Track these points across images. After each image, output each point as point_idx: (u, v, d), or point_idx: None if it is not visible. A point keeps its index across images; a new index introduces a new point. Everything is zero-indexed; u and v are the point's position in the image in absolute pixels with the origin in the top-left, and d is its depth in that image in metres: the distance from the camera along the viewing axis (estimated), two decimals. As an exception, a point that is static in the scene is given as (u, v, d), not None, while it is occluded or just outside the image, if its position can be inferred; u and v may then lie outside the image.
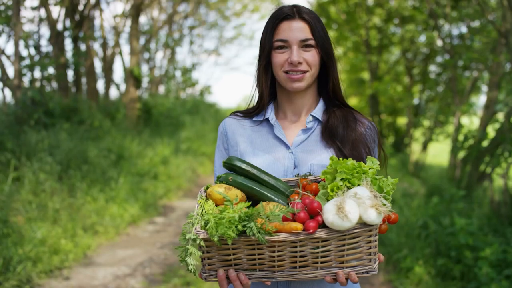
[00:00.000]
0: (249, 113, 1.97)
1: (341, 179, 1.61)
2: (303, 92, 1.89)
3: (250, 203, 1.61)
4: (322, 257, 1.57)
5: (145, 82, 16.18)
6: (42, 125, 7.92)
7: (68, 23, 10.15)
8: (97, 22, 13.59)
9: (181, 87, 19.60)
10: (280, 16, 1.82)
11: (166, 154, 10.46)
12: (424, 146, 12.58)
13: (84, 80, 12.05)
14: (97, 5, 11.62)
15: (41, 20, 9.65)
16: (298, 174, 1.81)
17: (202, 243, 1.55)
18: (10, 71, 17.87)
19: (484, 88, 11.29)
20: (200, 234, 1.55)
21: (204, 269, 1.63)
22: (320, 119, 1.90)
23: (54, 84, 10.16)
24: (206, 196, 1.75)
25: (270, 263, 1.58)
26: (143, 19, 18.34)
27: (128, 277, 5.19)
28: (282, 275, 1.59)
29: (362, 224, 1.54)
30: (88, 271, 5.29)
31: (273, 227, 1.52)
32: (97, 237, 6.27)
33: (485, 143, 7.20)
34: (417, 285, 4.82)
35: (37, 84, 8.87)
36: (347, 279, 1.59)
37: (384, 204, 1.52)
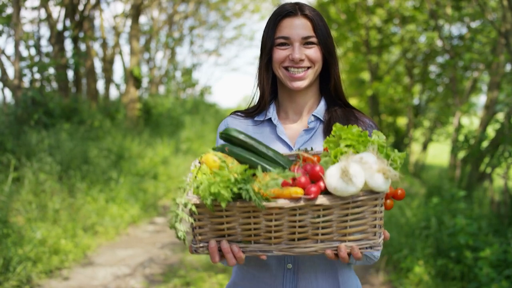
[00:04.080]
0: (249, 113, 1.94)
1: (346, 146, 1.50)
2: (305, 91, 1.87)
3: (247, 166, 1.49)
4: (323, 228, 1.45)
5: (145, 82, 16.19)
6: (42, 125, 7.92)
7: (68, 23, 10.15)
8: (97, 22, 13.62)
9: (181, 87, 19.60)
10: (282, 13, 1.80)
11: (166, 154, 10.46)
12: (424, 146, 12.58)
13: (84, 80, 12.06)
14: (97, 5, 11.62)
15: (41, 20, 9.65)
16: (299, 148, 1.73)
17: (194, 209, 1.44)
18: (10, 71, 17.88)
19: (484, 88, 11.31)
20: (192, 199, 1.44)
21: (195, 240, 1.51)
22: (321, 118, 1.87)
23: (54, 84, 10.16)
24: (200, 164, 1.63)
25: (267, 234, 1.47)
26: (143, 19, 18.37)
27: (128, 277, 5.19)
28: (279, 249, 1.48)
29: (368, 191, 1.43)
30: (88, 271, 5.29)
31: (271, 192, 1.40)
32: (97, 237, 6.27)
33: (485, 144, 7.19)
34: (417, 285, 4.82)
35: (37, 84, 8.87)
36: (349, 254, 1.48)
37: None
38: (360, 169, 1.39)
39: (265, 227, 1.45)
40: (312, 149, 1.73)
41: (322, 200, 1.40)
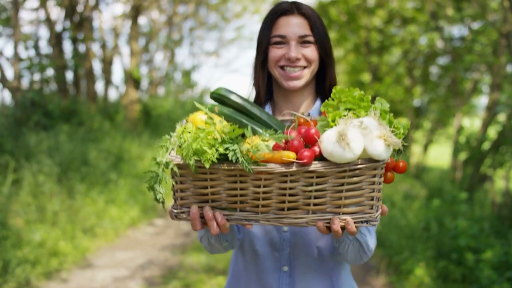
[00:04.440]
0: None
1: (345, 109, 1.37)
2: (301, 91, 1.83)
3: (236, 125, 1.35)
4: (315, 197, 1.32)
5: (144, 83, 16.17)
6: (41, 127, 7.90)
7: (67, 24, 10.14)
8: (96, 23, 13.61)
9: (181, 89, 19.59)
10: (279, 11, 1.76)
11: (166, 156, 10.43)
12: (425, 148, 12.56)
13: (83, 81, 12.05)
14: (96, 6, 11.61)
15: (40, 21, 9.64)
16: (295, 114, 1.65)
17: (175, 169, 1.32)
18: (9, 73, 17.88)
19: (485, 89, 11.29)
20: (175, 159, 1.32)
21: (176, 204, 1.40)
22: None
23: (53, 86, 10.15)
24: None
25: (254, 202, 1.34)
26: (142, 20, 18.37)
27: (127, 279, 5.16)
28: (266, 218, 1.35)
29: (366, 159, 1.29)
30: (87, 273, 5.26)
31: (261, 155, 1.27)
32: (97, 239, 6.24)
33: (486, 145, 7.17)
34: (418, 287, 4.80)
35: (36, 85, 8.86)
36: (343, 228, 1.35)
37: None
38: (359, 134, 1.26)
39: (253, 193, 1.33)
40: (309, 114, 1.64)
41: (316, 166, 1.28)
